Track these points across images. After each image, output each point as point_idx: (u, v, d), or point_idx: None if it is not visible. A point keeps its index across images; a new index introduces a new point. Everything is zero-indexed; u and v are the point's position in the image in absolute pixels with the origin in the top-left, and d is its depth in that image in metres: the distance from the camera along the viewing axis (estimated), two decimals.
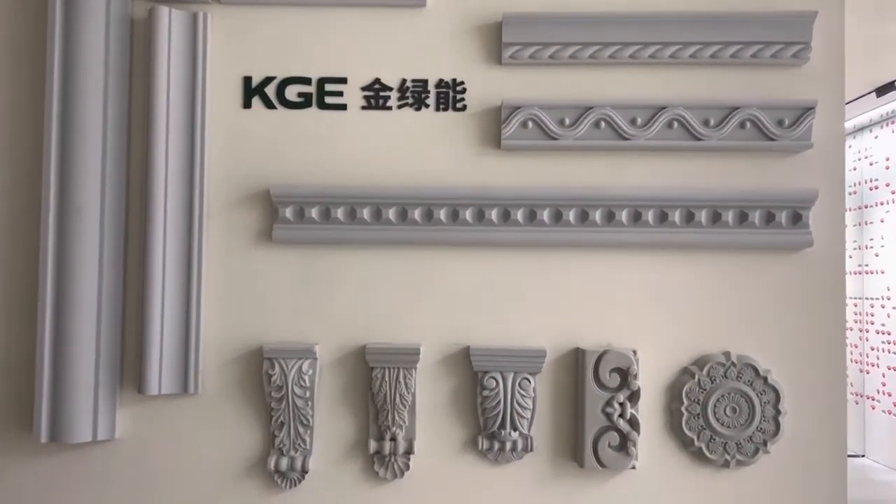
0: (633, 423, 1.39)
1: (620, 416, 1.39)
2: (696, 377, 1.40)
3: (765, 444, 1.40)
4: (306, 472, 1.42)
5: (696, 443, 1.40)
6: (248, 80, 1.46)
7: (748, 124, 1.41)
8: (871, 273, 4.09)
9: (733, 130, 1.41)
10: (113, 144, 1.43)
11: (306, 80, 1.46)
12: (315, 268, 1.44)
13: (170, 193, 1.42)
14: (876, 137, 4.13)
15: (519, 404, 1.39)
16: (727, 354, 1.41)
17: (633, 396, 1.39)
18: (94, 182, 1.41)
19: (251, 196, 1.45)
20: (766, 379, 1.40)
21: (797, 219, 1.40)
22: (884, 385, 3.96)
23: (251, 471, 1.43)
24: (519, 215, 1.41)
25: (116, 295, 1.43)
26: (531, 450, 1.40)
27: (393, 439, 1.41)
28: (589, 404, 1.38)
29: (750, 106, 1.40)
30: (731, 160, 1.43)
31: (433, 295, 1.44)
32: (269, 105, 1.46)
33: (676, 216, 1.41)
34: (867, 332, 4.10)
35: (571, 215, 1.41)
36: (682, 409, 1.40)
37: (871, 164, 4.15)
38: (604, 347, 1.41)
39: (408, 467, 1.41)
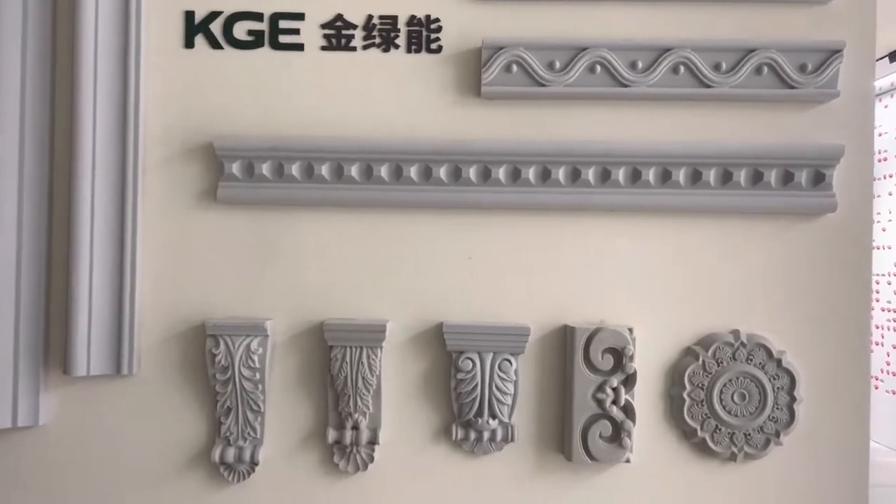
0: (628, 411, 1.22)
1: (614, 402, 1.21)
2: (701, 359, 1.23)
3: (777, 435, 1.23)
4: (256, 465, 1.25)
5: (699, 433, 1.23)
6: (189, 15, 1.26)
7: (765, 69, 1.22)
8: (878, 248, 3.92)
9: (748, 76, 1.22)
10: (33, 92, 1.23)
11: (257, 16, 1.26)
12: (266, 232, 1.26)
13: (99, 147, 1.23)
14: (886, 107, 3.94)
15: (498, 389, 1.22)
16: (736, 333, 1.24)
17: (629, 381, 1.22)
18: (12, 133, 1.22)
19: (193, 150, 1.26)
20: (779, 362, 1.23)
21: (819, 179, 1.22)
22: (888, 364, 3.81)
23: (194, 462, 1.26)
24: (501, 174, 1.23)
25: (38, 262, 1.24)
26: (512, 440, 1.23)
27: (355, 427, 1.24)
28: (578, 389, 1.21)
29: (768, 48, 1.21)
30: (744, 111, 1.24)
31: (402, 264, 1.26)
32: (214, 44, 1.26)
33: (681, 176, 1.22)
34: (872, 309, 3.94)
35: (561, 174, 1.23)
36: (684, 395, 1.23)
37: (879, 135, 3.96)
38: (595, 325, 1.23)
39: (372, 459, 1.25)
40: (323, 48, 1.26)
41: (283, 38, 1.26)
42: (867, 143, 1.24)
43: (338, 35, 1.27)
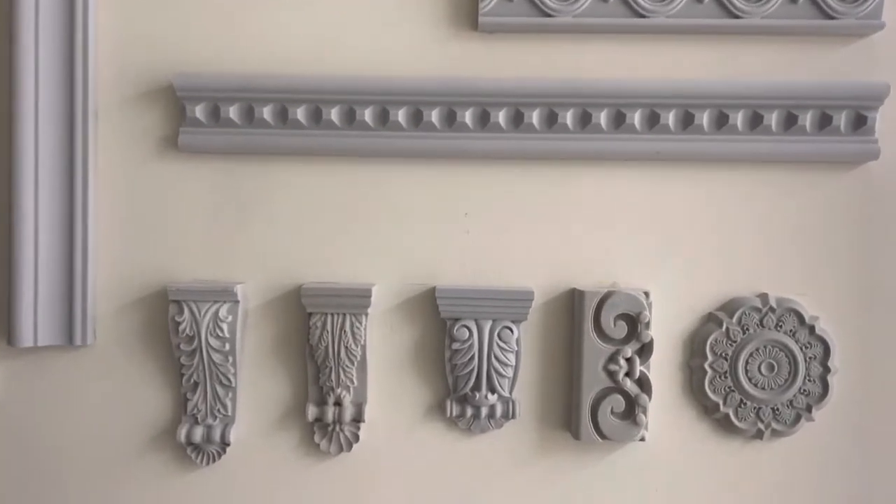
0: (643, 384, 1.09)
1: (627, 374, 1.08)
2: (724, 326, 1.10)
3: (808, 409, 1.10)
4: (227, 445, 1.11)
5: (721, 408, 1.10)
6: None
7: None
8: None
9: (781, 5, 1.07)
10: None
11: None
12: (236, 185, 1.11)
13: (43, 89, 1.07)
14: None
15: (498, 360, 1.09)
16: (764, 297, 1.10)
17: (644, 350, 1.09)
18: None
19: (151, 91, 1.11)
20: (812, 328, 1.10)
21: (860, 122, 1.08)
22: None
23: (157, 442, 1.13)
24: (501, 117, 1.08)
25: None
26: (513, 417, 1.10)
27: (338, 404, 1.10)
28: (587, 360, 1.08)
29: None
30: (776, 45, 1.10)
31: (389, 221, 1.11)
32: None
33: (704, 119, 1.08)
34: None
35: (569, 118, 1.08)
36: (706, 366, 1.10)
37: None
38: (607, 288, 1.10)
39: (357, 438, 1.11)
40: None
41: None
42: None
43: None
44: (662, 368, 1.12)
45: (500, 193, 1.11)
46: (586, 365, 1.08)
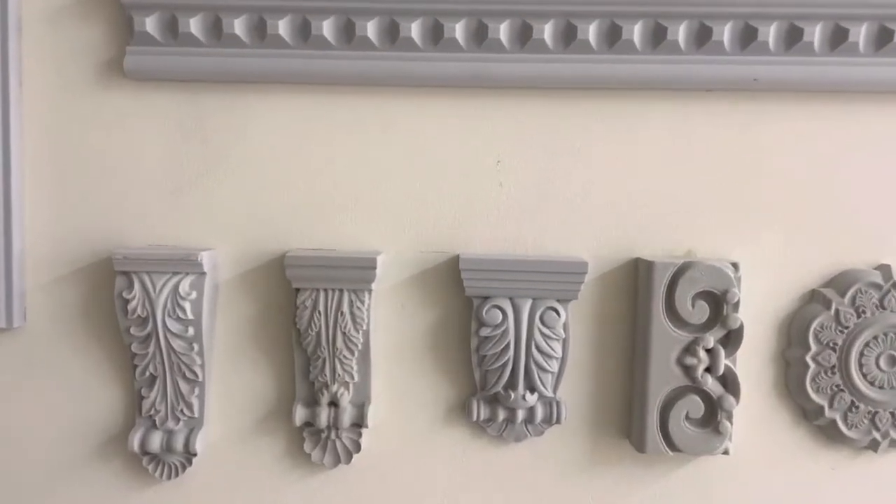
0: (729, 383, 0.84)
1: (708, 370, 0.84)
2: (833, 307, 0.85)
3: None
4: (193, 456, 0.88)
5: (826, 412, 0.86)
6: None
7: None
8: None
9: None
10: None
11: None
12: (200, 122, 0.86)
13: None
14: None
15: (540, 350, 0.84)
16: (885, 271, 0.85)
17: (732, 339, 0.84)
18: None
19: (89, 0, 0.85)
20: None
21: None
22: None
23: (105, 451, 0.89)
24: (546, 32, 0.82)
25: None
26: (558, 422, 0.86)
27: (333, 404, 0.86)
28: (656, 351, 0.83)
29: None
30: None
31: (399, 171, 0.86)
32: None
33: (816, 35, 0.82)
34: None
35: (636, 34, 0.82)
36: (808, 358, 0.85)
37: None
38: (682, 257, 0.85)
39: (358, 448, 0.88)
40: None
41: None
42: None
43: None
44: (750, 362, 0.87)
45: (542, 134, 0.85)
46: (655, 357, 0.83)
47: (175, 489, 0.89)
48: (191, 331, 0.84)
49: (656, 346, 0.83)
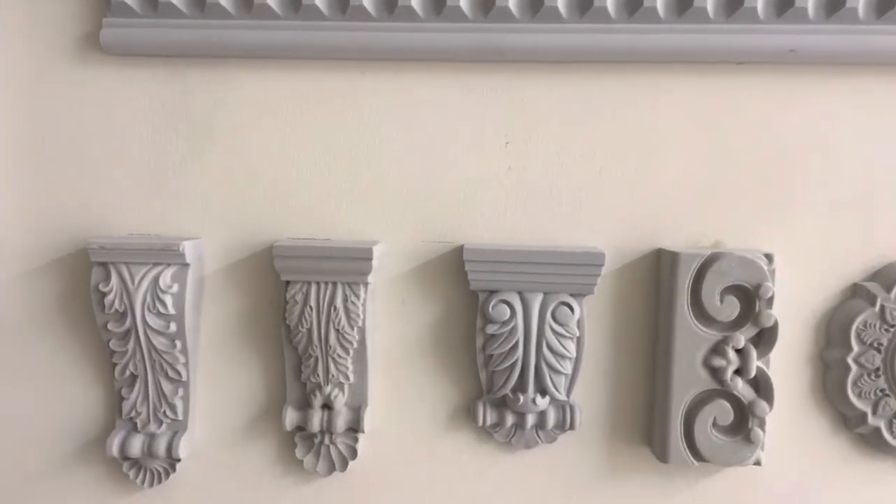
0: (762, 386, 0.76)
1: (738, 372, 0.76)
2: (878, 303, 0.76)
3: None
4: (177, 461, 0.81)
5: (869, 419, 0.77)
6: None
7: None
8: None
9: None
10: None
11: None
12: (183, 100, 0.79)
13: None
14: None
15: (552, 349, 0.76)
16: None
17: (764, 338, 0.76)
18: None
19: None
20: None
21: None
22: None
23: (83, 455, 0.83)
24: (559, 1, 0.75)
25: None
26: (571, 427, 0.79)
27: (327, 407, 0.80)
28: (681, 351, 0.75)
29: None
30: None
31: (398, 153, 0.79)
32: None
33: (860, 1, 0.73)
34: None
35: (659, 0, 0.74)
36: (849, 360, 0.77)
37: None
38: (710, 248, 0.77)
39: (354, 454, 0.81)
40: None
41: None
42: None
43: None
44: (784, 363, 0.79)
45: (555, 112, 0.78)
46: (679, 358, 0.75)
47: (157, 497, 0.82)
48: (172, 327, 0.78)
49: (681, 345, 0.75)
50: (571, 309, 0.76)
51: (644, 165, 0.78)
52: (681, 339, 0.75)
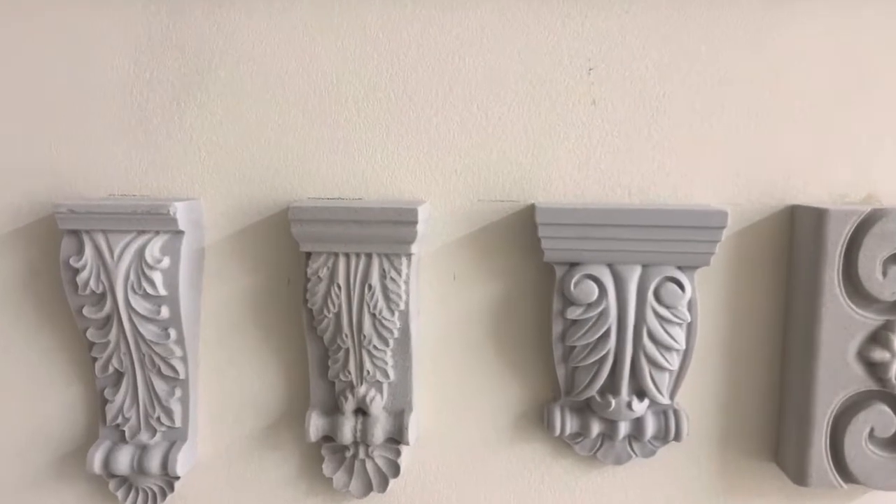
0: None
1: None
2: None
3: None
4: (175, 479, 0.65)
5: None
6: None
7: None
8: None
9: None
10: None
11: None
12: (172, 29, 0.62)
13: None
14: None
15: (654, 338, 0.58)
16: None
17: None
18: None
19: None
20: None
21: None
22: None
23: (63, 468, 0.68)
24: None
25: None
26: (676, 438, 0.61)
27: (362, 412, 0.63)
28: (827, 341, 0.57)
29: None
30: None
31: (445, 83, 0.61)
32: None
33: None
34: None
35: None
36: None
37: None
38: (862, 203, 0.58)
39: (395, 471, 0.64)
40: None
41: None
42: None
43: None
44: None
45: (653, 31, 0.59)
46: (825, 350, 0.57)
47: None
48: (164, 311, 0.61)
49: (828, 333, 0.57)
50: (681, 286, 0.58)
51: (768, 101, 0.59)
52: (828, 326, 0.57)
